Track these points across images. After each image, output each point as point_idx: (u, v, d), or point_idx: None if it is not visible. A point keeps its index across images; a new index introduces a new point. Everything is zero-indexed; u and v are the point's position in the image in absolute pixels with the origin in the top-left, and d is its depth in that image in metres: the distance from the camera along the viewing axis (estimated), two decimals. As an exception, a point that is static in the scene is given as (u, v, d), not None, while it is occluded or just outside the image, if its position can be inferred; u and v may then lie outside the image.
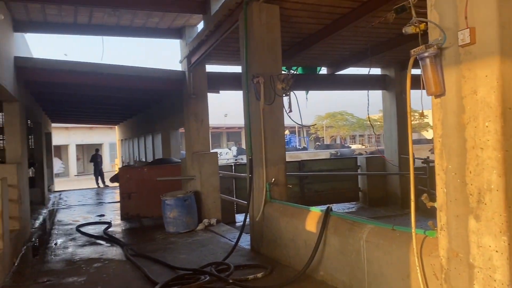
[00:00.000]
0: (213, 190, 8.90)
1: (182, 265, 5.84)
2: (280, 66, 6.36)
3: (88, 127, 32.60)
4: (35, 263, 6.65)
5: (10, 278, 5.86)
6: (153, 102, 13.95)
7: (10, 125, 8.27)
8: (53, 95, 11.79)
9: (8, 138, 8.25)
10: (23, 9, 7.80)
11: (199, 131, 9.19)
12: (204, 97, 9.29)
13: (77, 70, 8.75)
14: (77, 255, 6.95)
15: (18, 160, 8.27)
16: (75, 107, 15.43)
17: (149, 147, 16.45)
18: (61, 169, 33.58)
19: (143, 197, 9.65)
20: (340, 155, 22.99)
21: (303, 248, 5.17)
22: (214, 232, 8.05)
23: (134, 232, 8.93)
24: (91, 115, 18.76)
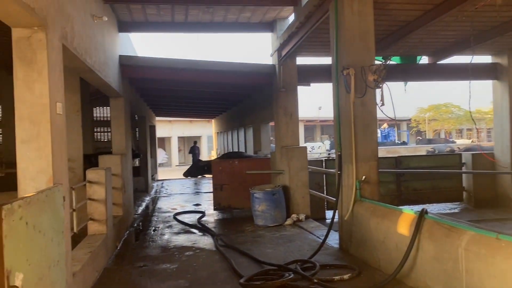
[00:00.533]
0: (302, 185, 8.78)
1: (268, 259, 5.84)
2: (372, 56, 6.00)
3: (188, 120, 34.45)
4: (134, 248, 7.15)
5: (113, 261, 6.36)
6: (245, 97, 14.21)
7: (116, 118, 8.97)
8: (155, 91, 12.58)
9: (114, 131, 8.97)
10: (127, 11, 8.38)
11: (288, 125, 9.11)
12: (294, 91, 9.18)
13: (175, 67, 9.20)
14: (171, 243, 7.33)
15: (123, 151, 8.96)
16: (175, 102, 16.35)
17: (241, 140, 16.84)
18: (165, 159, 36.01)
19: (234, 189, 9.87)
20: (438, 152, 21.35)
21: (394, 251, 4.83)
22: (302, 228, 7.95)
23: (225, 222, 9.19)
24: (190, 109, 19.74)
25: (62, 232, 3.75)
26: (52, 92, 3.80)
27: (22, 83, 3.72)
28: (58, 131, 3.93)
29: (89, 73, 6.05)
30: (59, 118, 4.01)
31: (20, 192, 3.70)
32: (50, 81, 3.77)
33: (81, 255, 5.14)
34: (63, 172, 4.01)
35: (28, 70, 3.72)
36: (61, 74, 4.17)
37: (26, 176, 3.72)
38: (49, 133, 3.73)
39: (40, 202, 3.16)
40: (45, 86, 3.73)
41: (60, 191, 3.77)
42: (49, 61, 3.76)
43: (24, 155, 3.72)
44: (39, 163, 3.73)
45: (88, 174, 6.35)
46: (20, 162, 3.72)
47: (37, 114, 3.72)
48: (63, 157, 4.07)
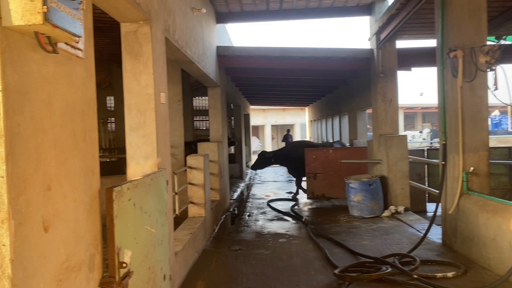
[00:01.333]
0: (401, 175, 8.35)
1: (363, 251, 5.66)
2: (484, 36, 5.43)
3: (282, 109, 34.69)
4: (230, 231, 7.41)
5: (210, 243, 6.66)
6: (340, 83, 13.85)
7: (213, 107, 9.33)
8: (249, 80, 12.83)
9: (211, 119, 9.33)
10: (223, 1, 8.59)
11: (387, 112, 8.69)
12: (393, 76, 8.71)
13: (268, 56, 9.26)
14: (265, 229, 7.47)
15: (219, 138, 9.30)
16: (269, 90, 16.53)
17: (336, 128, 16.50)
18: (258, 147, 36.78)
19: (328, 178, 9.74)
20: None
21: (507, 250, 4.38)
22: (400, 221, 7.57)
23: (318, 211, 9.11)
24: (284, 97, 19.81)
25: (165, 214, 3.99)
26: (156, 83, 4.03)
27: (130, 75, 4.00)
28: (161, 119, 4.17)
29: (189, 64, 6.34)
30: (163, 107, 4.25)
31: (129, 175, 4.01)
32: (154, 73, 4.00)
33: (182, 236, 5.45)
34: (166, 157, 4.25)
35: (135, 63, 3.98)
36: (164, 65, 4.40)
37: (134, 161, 4.01)
38: (154, 121, 3.98)
39: (146, 185, 3.39)
40: (150, 77, 3.97)
41: (164, 175, 4.01)
42: (153, 53, 3.99)
43: (132, 141, 4.01)
44: (145, 149, 3.99)
45: (188, 160, 6.70)
46: (129, 148, 4.02)
47: (143, 104, 3.98)
48: (166, 143, 4.32)
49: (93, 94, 2.52)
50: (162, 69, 4.30)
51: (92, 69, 2.53)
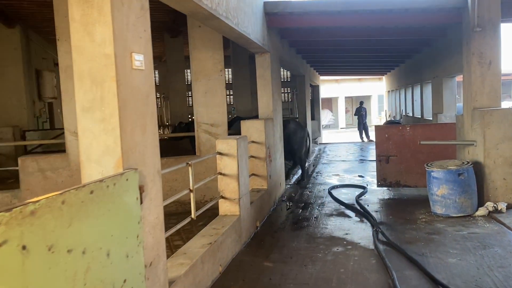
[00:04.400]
0: (504, 162, 6.28)
1: (450, 277, 3.96)
2: None
3: (357, 79, 32.01)
4: (275, 231, 6.00)
5: (247, 247, 5.32)
6: (422, 44, 11.53)
7: (261, 78, 7.82)
8: (313, 44, 11.02)
9: (260, 92, 7.84)
10: None
11: (484, 78, 6.57)
12: (495, 29, 6.53)
13: (328, 10, 7.47)
14: (319, 229, 5.94)
15: (270, 115, 7.81)
16: (338, 57, 14.52)
17: (417, 99, 14.15)
18: (331, 121, 34.63)
19: (404, 161, 7.86)
20: None
21: None
22: (502, 224, 5.63)
23: (390, 204, 7.35)
24: (357, 65, 17.60)
25: (136, 237, 2.66)
26: (119, 38, 2.63)
27: (79, 26, 2.63)
28: (133, 93, 2.79)
29: (210, 20, 4.84)
30: (137, 76, 2.85)
31: (84, 178, 2.71)
32: (115, 21, 2.60)
33: (196, 248, 4.13)
34: (142, 151, 2.88)
35: (86, 7, 2.60)
36: (144, 12, 2.98)
37: (90, 158, 2.69)
38: (115, 97, 2.60)
39: (76, 205, 2.05)
40: (108, 28, 2.58)
41: (134, 180, 2.65)
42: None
43: (86, 128, 2.68)
44: (104, 140, 2.65)
45: (218, 144, 5.32)
46: (81, 138, 2.70)
47: (98, 70, 2.61)
48: (146, 129, 2.94)
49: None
50: (136, 16, 2.87)
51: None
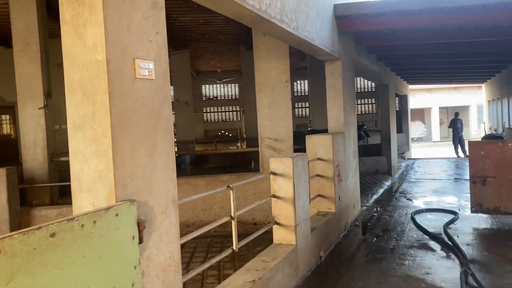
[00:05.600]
0: None
1: None
2: None
3: (452, 87, 29.30)
4: (342, 262, 5.20)
5: (303, 282, 4.61)
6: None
7: (332, 88, 7.07)
8: (392, 49, 9.96)
9: (330, 104, 7.09)
10: None
11: None
12: None
13: (409, 10, 6.51)
14: (395, 265, 5.01)
15: (340, 129, 7.02)
16: (426, 63, 13.12)
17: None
18: (423, 134, 32.13)
19: (505, 184, 6.55)
20: None
21: None
22: None
23: (487, 236, 6.13)
24: (451, 72, 15.83)
25: (131, 286, 2.14)
26: (114, 41, 2.17)
27: (70, 29, 2.22)
28: (136, 107, 2.30)
29: (261, 23, 4.27)
30: (144, 86, 2.37)
31: (75, 209, 2.27)
32: (109, 21, 2.14)
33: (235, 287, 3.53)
34: (148, 176, 2.37)
35: (77, 6, 2.18)
36: (155, 10, 2.50)
37: (81, 185, 2.25)
38: (107, 112, 2.13)
39: (26, 252, 1.59)
40: (99, 30, 2.13)
41: (127, 214, 2.14)
42: (104, -16, 2.13)
43: (77, 149, 2.24)
44: (96, 164, 2.19)
45: (271, 163, 4.71)
46: (72, 161, 2.27)
47: (90, 80, 2.17)
48: (155, 150, 2.43)
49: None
50: (144, 16, 2.40)
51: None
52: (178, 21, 9.90)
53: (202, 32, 11.05)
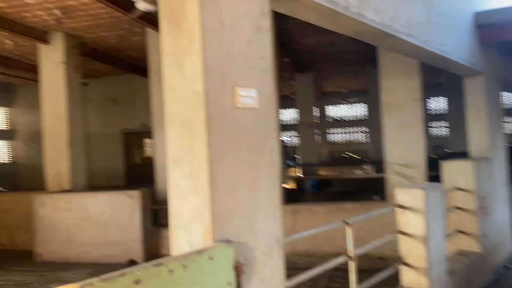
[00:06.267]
0: None
1: None
2: None
3: None
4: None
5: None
6: None
7: (473, 107, 6.16)
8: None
9: (471, 125, 6.18)
10: None
11: None
12: None
13: None
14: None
15: (485, 153, 6.05)
16: None
17: None
18: None
19: None
20: None
21: None
22: None
23: None
24: None
25: (226, 338, 1.92)
26: (213, 70, 2.03)
27: (170, 59, 2.15)
28: (236, 139, 2.12)
29: (384, 39, 3.83)
30: (245, 116, 2.18)
31: (173, 248, 2.15)
32: (208, 49, 2.01)
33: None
34: (250, 215, 2.15)
35: (176, 35, 2.11)
36: (258, 34, 2.32)
37: (179, 223, 2.13)
38: (204, 145, 1.99)
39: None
40: (198, 59, 2.01)
41: (223, 257, 1.94)
42: (203, 10, 2.02)
43: (176, 184, 2.13)
44: (193, 201, 2.05)
45: (397, 194, 4.17)
46: (171, 197, 2.17)
47: (187, 111, 2.06)
48: (257, 186, 2.21)
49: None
50: (246, 41, 2.23)
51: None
52: (301, 44, 9.84)
53: (327, 53, 10.81)
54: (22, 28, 7.02)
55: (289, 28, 8.16)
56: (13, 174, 11.92)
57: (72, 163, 7.59)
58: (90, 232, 6.64)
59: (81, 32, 7.67)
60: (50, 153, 7.61)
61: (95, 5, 6.36)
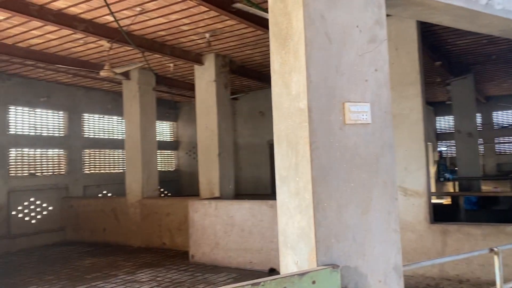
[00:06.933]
0: None
1: None
2: None
3: None
4: None
5: None
6: None
7: None
8: None
9: None
10: None
11: None
12: None
13: None
14: None
15: None
16: None
17: None
18: None
19: None
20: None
21: None
22: None
23: None
24: None
25: None
26: (319, 86, 1.97)
27: (278, 78, 2.16)
28: (345, 157, 2.01)
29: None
30: (356, 133, 2.06)
31: (281, 267, 2.13)
32: (313, 65, 1.97)
33: None
34: (361, 238, 2.01)
35: (284, 53, 2.11)
36: (373, 44, 2.17)
37: (286, 241, 2.10)
38: (308, 164, 1.94)
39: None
40: (302, 76, 1.98)
41: (328, 283, 1.86)
42: (308, 26, 1.98)
43: (283, 203, 2.12)
44: (299, 220, 2.01)
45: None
46: (279, 214, 2.15)
47: (293, 130, 2.04)
48: (370, 207, 2.06)
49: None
50: (358, 53, 2.10)
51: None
52: (455, 46, 8.94)
53: (487, 53, 9.59)
54: (180, 52, 7.92)
55: (438, 30, 7.49)
56: (177, 180, 13.48)
57: (222, 172, 8.22)
58: (234, 238, 7.06)
59: (229, 52, 8.29)
60: (203, 163, 8.37)
61: (239, 25, 6.82)
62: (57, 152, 10.30)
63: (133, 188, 9.17)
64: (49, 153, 10.14)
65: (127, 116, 9.37)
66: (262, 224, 6.89)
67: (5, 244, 8.80)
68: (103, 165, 11.46)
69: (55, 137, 10.24)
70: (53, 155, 10.24)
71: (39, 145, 9.83)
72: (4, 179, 9.01)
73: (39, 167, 9.88)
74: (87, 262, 7.68)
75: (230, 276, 6.51)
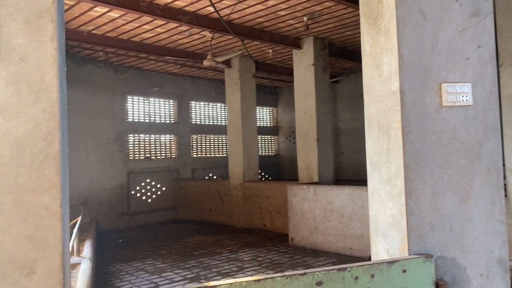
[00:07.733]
0: None
1: None
2: None
3: None
4: None
5: None
6: None
7: None
8: None
9: None
10: None
11: None
12: None
13: None
14: None
15: None
16: None
17: None
18: None
19: None
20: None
21: None
22: None
23: None
24: None
25: None
26: (410, 67, 1.87)
27: (368, 60, 2.08)
28: (443, 142, 1.89)
29: None
30: (454, 116, 1.91)
31: (372, 254, 2.08)
32: (406, 44, 1.87)
33: None
34: (459, 228, 1.88)
35: (375, 34, 2.03)
36: (476, 18, 1.98)
37: (377, 228, 2.04)
38: (400, 149, 1.86)
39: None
40: (394, 57, 1.89)
41: (422, 273, 1.78)
42: (399, 7, 1.87)
43: (374, 189, 2.06)
44: (390, 207, 1.94)
45: None
46: (370, 201, 2.10)
47: (384, 113, 1.96)
48: (470, 195, 1.91)
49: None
50: (458, 29, 1.94)
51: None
52: None
53: None
54: (278, 37, 7.99)
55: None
56: (277, 165, 13.74)
57: (320, 157, 8.19)
58: (334, 223, 7.03)
59: (328, 34, 8.14)
60: (302, 148, 8.41)
61: (338, 6, 6.65)
62: (169, 137, 11.15)
63: (235, 171, 9.58)
64: (161, 139, 11.03)
65: (228, 103, 9.76)
66: (362, 210, 6.73)
67: (126, 220, 9.84)
68: (209, 150, 12.14)
69: (167, 124, 11.08)
70: (165, 140, 11.11)
71: (153, 131, 10.74)
72: (124, 161, 10.03)
73: (153, 151, 10.81)
74: (195, 239, 8.27)
75: (330, 260, 6.51)
